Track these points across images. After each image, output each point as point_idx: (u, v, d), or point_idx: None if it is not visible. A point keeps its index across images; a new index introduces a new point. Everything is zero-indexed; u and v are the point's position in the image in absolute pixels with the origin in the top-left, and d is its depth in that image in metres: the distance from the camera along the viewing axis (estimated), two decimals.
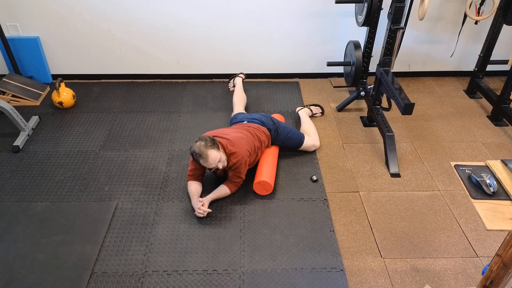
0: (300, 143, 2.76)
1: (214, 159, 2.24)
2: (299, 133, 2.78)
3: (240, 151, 2.36)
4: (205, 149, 2.22)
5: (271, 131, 2.64)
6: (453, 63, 3.74)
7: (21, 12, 3.35)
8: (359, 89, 3.30)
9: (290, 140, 2.73)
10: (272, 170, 2.54)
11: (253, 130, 2.56)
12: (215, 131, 2.47)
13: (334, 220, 2.36)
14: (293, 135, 2.73)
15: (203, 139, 2.26)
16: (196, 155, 2.24)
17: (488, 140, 3.00)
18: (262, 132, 2.59)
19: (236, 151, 2.34)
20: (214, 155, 2.23)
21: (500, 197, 1.38)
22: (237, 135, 2.43)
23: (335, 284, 2.00)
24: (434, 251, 2.19)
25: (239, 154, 2.35)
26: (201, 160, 2.25)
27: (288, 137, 2.71)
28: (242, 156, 2.36)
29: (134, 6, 3.34)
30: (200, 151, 2.22)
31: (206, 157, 2.22)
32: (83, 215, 2.36)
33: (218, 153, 2.26)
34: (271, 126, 2.65)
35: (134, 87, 3.64)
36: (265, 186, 2.46)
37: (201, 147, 2.23)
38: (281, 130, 2.69)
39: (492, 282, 1.55)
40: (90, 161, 2.78)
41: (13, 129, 3.04)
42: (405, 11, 2.69)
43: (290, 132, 2.72)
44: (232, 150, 2.34)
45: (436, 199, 2.51)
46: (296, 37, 3.55)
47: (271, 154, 2.65)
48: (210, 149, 2.23)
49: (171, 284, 2.00)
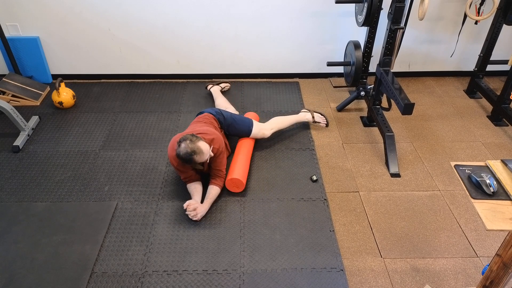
0: (248, 131, 2.78)
1: (207, 149, 2.27)
2: (247, 122, 2.79)
3: (216, 136, 2.43)
4: (194, 144, 2.22)
5: (216, 116, 2.70)
6: (453, 63, 3.75)
7: (21, 12, 3.35)
8: (359, 89, 3.30)
9: (238, 128, 2.75)
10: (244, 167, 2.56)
11: (203, 119, 2.63)
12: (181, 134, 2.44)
13: (334, 220, 2.36)
14: (239, 122, 2.76)
15: (184, 139, 2.24)
16: (189, 155, 2.21)
17: (488, 140, 3.00)
18: (211, 118, 2.66)
19: (213, 137, 2.40)
20: (204, 146, 2.26)
21: (500, 197, 1.38)
22: (203, 127, 2.49)
23: (335, 284, 2.00)
24: (434, 251, 2.19)
25: (217, 138, 2.42)
26: (196, 157, 2.23)
27: (235, 124, 2.73)
28: (220, 139, 2.43)
29: (134, 6, 3.34)
30: (192, 149, 2.21)
31: (199, 150, 2.22)
32: (83, 215, 2.36)
33: (205, 143, 2.28)
34: (213, 112, 2.71)
35: (134, 87, 3.64)
36: (236, 183, 2.47)
37: (189, 145, 2.22)
38: (227, 116, 2.73)
39: (492, 282, 1.55)
40: (90, 161, 2.78)
41: (13, 129, 3.04)
42: (405, 11, 2.69)
43: (235, 121, 2.75)
44: (210, 137, 2.38)
45: (436, 199, 2.51)
46: (296, 37, 3.56)
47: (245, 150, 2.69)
48: (197, 142, 2.24)
49: (171, 284, 2.00)
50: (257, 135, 2.81)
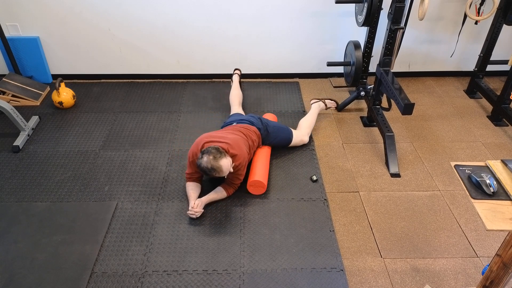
0: (289, 141, 2.79)
1: (227, 168, 2.21)
2: (288, 131, 2.79)
3: (241, 153, 2.35)
4: (216, 162, 2.16)
5: (260, 130, 2.65)
6: (453, 63, 3.75)
7: (21, 12, 3.35)
8: (359, 89, 3.30)
9: (280, 139, 2.75)
10: (265, 170, 2.55)
11: (245, 130, 2.56)
12: (211, 135, 2.42)
13: (334, 220, 2.36)
14: (282, 134, 2.76)
15: (208, 152, 2.18)
16: (209, 170, 2.17)
17: (488, 140, 3.00)
18: (253, 132, 2.60)
19: (237, 154, 2.32)
20: (226, 164, 2.19)
21: (500, 197, 1.38)
22: (234, 137, 2.41)
23: (335, 284, 2.00)
24: (434, 251, 2.19)
25: (240, 156, 2.34)
26: (215, 174, 2.19)
27: (278, 136, 2.73)
28: (243, 157, 2.36)
29: (134, 6, 3.34)
30: (212, 167, 2.16)
31: (219, 169, 2.17)
32: (83, 215, 2.36)
33: (228, 160, 2.22)
34: (260, 125, 2.66)
35: (134, 87, 3.64)
36: (258, 185, 2.46)
37: (211, 162, 2.16)
38: (271, 129, 2.70)
39: (492, 282, 1.55)
40: (90, 161, 2.78)
41: (13, 129, 3.04)
42: (405, 11, 2.69)
43: (279, 130, 2.75)
44: (234, 152, 2.31)
45: (436, 199, 2.51)
46: (296, 37, 3.56)
47: (264, 154, 2.66)
48: (220, 160, 2.18)
49: (171, 284, 2.00)
50: (297, 143, 2.84)
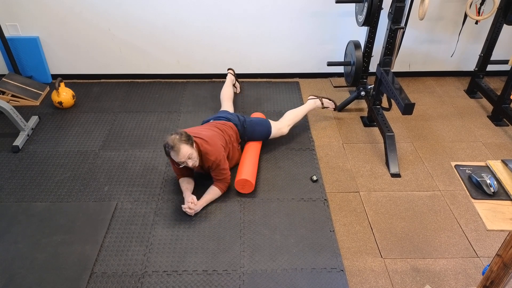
0: (268, 134, 2.79)
1: (185, 154, 2.24)
2: (266, 125, 2.79)
3: (215, 149, 2.39)
4: (179, 143, 2.23)
5: (237, 126, 2.68)
6: (453, 63, 3.74)
7: (21, 12, 3.35)
8: (359, 89, 3.30)
9: (257, 133, 2.76)
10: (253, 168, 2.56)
11: (221, 126, 2.61)
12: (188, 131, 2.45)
13: (334, 220, 2.36)
14: (259, 128, 2.76)
15: (179, 133, 2.27)
16: (168, 146, 2.24)
17: (489, 140, 3.00)
18: (230, 127, 2.63)
19: (211, 149, 2.37)
20: (185, 149, 2.24)
21: (501, 197, 1.38)
22: (209, 133, 2.47)
23: (335, 284, 2.00)
24: (435, 251, 2.19)
25: (215, 152, 2.38)
26: (172, 152, 2.24)
27: (255, 130, 2.74)
28: (218, 153, 2.40)
29: (134, 6, 3.33)
30: (173, 143, 2.23)
31: (178, 150, 2.22)
32: (83, 215, 2.36)
33: (190, 149, 2.27)
34: (236, 121, 2.70)
35: (134, 87, 3.63)
36: (245, 184, 2.47)
37: (175, 140, 2.23)
38: (248, 124, 2.72)
39: (493, 283, 1.55)
40: (89, 161, 2.78)
41: (13, 129, 3.04)
42: (405, 11, 2.68)
43: (256, 125, 2.76)
44: (208, 148, 2.36)
45: (437, 199, 2.51)
46: (296, 37, 3.55)
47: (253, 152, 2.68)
48: (183, 143, 2.24)
49: (171, 284, 2.00)
50: (276, 134, 2.82)
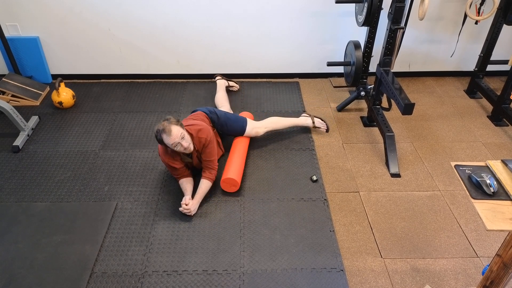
0: (242, 129, 2.79)
1: (177, 133, 2.27)
2: (240, 120, 2.80)
3: (205, 126, 2.47)
4: (168, 124, 2.28)
5: (208, 114, 2.71)
6: (453, 63, 3.74)
7: (21, 12, 3.35)
8: (359, 89, 3.30)
9: (230, 126, 2.77)
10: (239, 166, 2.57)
11: (194, 116, 2.66)
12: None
13: (334, 220, 2.36)
14: (232, 122, 2.77)
15: (167, 118, 2.33)
16: (159, 131, 2.27)
17: (488, 140, 3.00)
18: (199, 114, 2.68)
19: (202, 127, 2.45)
20: (176, 129, 2.28)
21: (500, 197, 1.38)
22: (191, 121, 2.53)
23: (335, 284, 2.00)
24: (434, 251, 2.19)
25: (205, 128, 2.45)
26: (164, 136, 2.26)
27: (227, 123, 2.75)
28: (208, 129, 2.46)
29: (134, 6, 3.34)
30: (163, 127, 2.27)
31: (169, 131, 2.25)
32: (83, 215, 2.36)
33: (181, 129, 2.31)
34: (206, 111, 2.73)
35: (134, 87, 3.63)
36: (230, 182, 2.47)
37: (164, 124, 2.28)
38: (220, 114, 2.75)
39: (492, 283, 1.55)
40: (90, 161, 2.78)
41: (13, 129, 3.04)
42: (405, 11, 2.68)
43: (229, 118, 2.77)
44: (198, 127, 2.44)
45: (436, 199, 2.51)
46: (296, 37, 3.55)
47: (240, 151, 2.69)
48: (173, 124, 2.29)
49: (171, 284, 2.00)
50: (250, 133, 2.81)
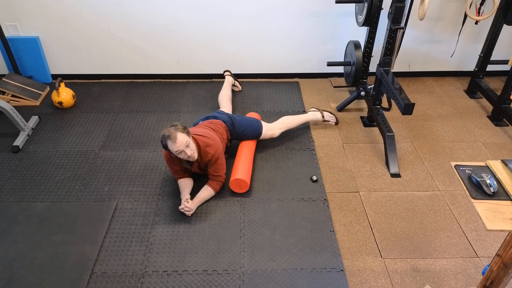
0: (259, 133, 2.79)
1: (182, 141, 2.24)
2: (257, 124, 2.79)
3: (215, 142, 2.41)
4: (175, 131, 2.24)
5: (227, 123, 2.68)
6: (453, 63, 3.74)
7: (21, 12, 3.35)
8: (359, 89, 3.30)
9: (247, 131, 2.76)
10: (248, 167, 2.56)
11: (212, 125, 2.61)
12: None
13: (334, 220, 2.36)
14: (249, 126, 2.76)
15: (175, 124, 2.29)
16: (165, 137, 2.24)
17: (488, 140, 3.00)
18: (219, 125, 2.64)
19: (211, 143, 2.39)
20: (182, 137, 2.24)
21: (500, 197, 1.38)
22: (205, 130, 2.49)
23: (335, 284, 2.00)
24: (434, 251, 2.19)
25: (214, 145, 2.40)
26: (169, 142, 2.24)
27: (245, 128, 2.74)
28: (217, 146, 2.41)
29: (134, 6, 3.34)
30: (169, 133, 2.23)
31: (174, 138, 2.22)
32: (83, 215, 2.36)
33: (187, 137, 2.28)
34: (225, 119, 2.70)
35: (134, 87, 3.63)
36: (241, 183, 2.47)
37: (170, 130, 2.25)
38: (237, 122, 2.73)
39: (492, 283, 1.55)
40: (90, 161, 2.78)
41: (13, 129, 3.04)
42: (405, 11, 2.68)
43: (246, 123, 2.76)
44: (207, 142, 2.38)
45: (436, 199, 2.51)
46: (296, 37, 3.55)
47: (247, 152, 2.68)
48: (179, 131, 2.25)
49: (171, 284, 2.00)
50: (266, 135, 2.82)
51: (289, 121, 2.96)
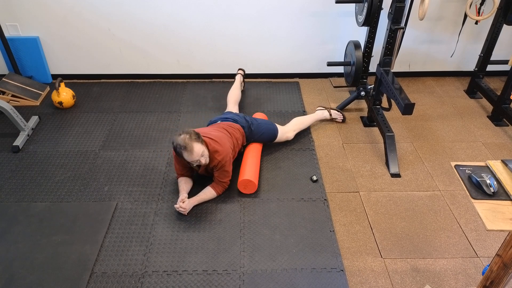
0: (274, 137, 2.81)
1: (198, 152, 2.24)
2: (273, 128, 2.80)
3: (224, 149, 2.38)
4: (190, 142, 2.22)
5: (244, 128, 2.67)
6: (453, 63, 3.74)
7: (21, 12, 3.35)
8: (359, 89, 3.30)
9: (264, 135, 2.76)
10: (255, 168, 2.56)
11: (229, 128, 2.59)
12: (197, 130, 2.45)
13: (334, 220, 2.36)
14: (266, 130, 2.76)
15: (187, 132, 2.26)
16: (181, 147, 2.22)
17: (488, 140, 3.00)
18: (237, 130, 2.62)
19: (220, 149, 2.36)
20: (198, 148, 2.24)
21: (500, 197, 1.38)
22: (218, 134, 2.46)
23: (335, 284, 2.00)
24: (434, 251, 2.19)
25: (223, 151, 2.37)
26: (185, 153, 2.23)
27: (262, 133, 2.75)
28: (226, 153, 2.39)
29: (134, 6, 3.34)
30: (185, 143, 2.21)
31: (191, 149, 2.21)
32: (83, 215, 2.36)
33: (202, 147, 2.27)
34: (244, 123, 2.68)
35: (134, 87, 3.63)
36: (249, 184, 2.46)
37: (186, 140, 2.22)
38: (255, 127, 2.72)
39: (492, 283, 1.55)
40: (90, 161, 2.78)
41: (13, 129, 3.04)
42: (405, 11, 2.68)
43: (263, 127, 2.76)
44: (216, 147, 2.36)
45: (436, 199, 2.51)
46: (296, 37, 3.55)
47: (254, 153, 2.67)
48: (195, 142, 2.23)
49: (171, 284, 2.00)
50: (281, 139, 2.84)
51: (301, 122, 2.98)
